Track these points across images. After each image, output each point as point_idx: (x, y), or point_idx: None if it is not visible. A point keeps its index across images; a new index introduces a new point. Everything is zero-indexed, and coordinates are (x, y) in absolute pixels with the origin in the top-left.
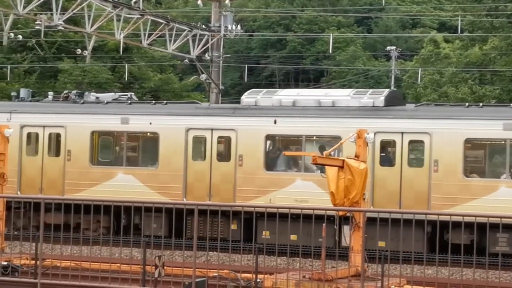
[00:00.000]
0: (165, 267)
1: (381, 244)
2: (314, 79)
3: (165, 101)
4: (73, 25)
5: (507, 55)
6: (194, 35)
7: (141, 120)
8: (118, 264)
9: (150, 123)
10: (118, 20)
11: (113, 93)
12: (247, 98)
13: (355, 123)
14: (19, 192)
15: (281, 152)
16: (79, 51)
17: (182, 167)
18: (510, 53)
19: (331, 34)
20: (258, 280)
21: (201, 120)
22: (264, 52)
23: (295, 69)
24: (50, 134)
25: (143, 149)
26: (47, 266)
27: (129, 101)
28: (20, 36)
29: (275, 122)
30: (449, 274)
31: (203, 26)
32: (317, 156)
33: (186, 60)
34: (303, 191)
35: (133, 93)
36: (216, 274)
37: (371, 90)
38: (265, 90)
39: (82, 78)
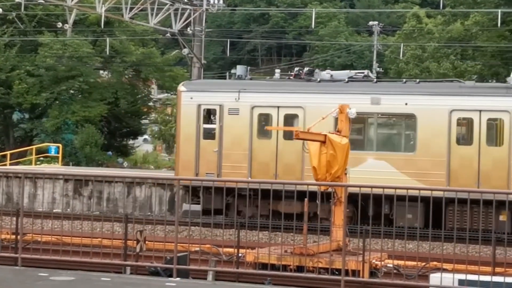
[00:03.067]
0: (146, 242)
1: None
2: (296, 54)
3: (417, 80)
4: None
5: (489, 30)
6: (176, 9)
7: (395, 101)
8: (99, 239)
9: (406, 104)
10: None
11: (347, 71)
12: None
13: None
14: (249, 178)
15: None
16: (60, 24)
17: (445, 152)
18: (491, 29)
19: (313, 9)
20: (240, 254)
21: (467, 100)
22: (247, 27)
23: (278, 44)
24: (285, 116)
25: (397, 132)
26: (28, 240)
27: (375, 80)
28: (0, 9)
29: None
30: (429, 249)
31: (185, 0)
32: (299, 131)
33: (168, 34)
34: None
35: (368, 71)
36: (198, 248)
37: None
38: None
39: (63, 52)
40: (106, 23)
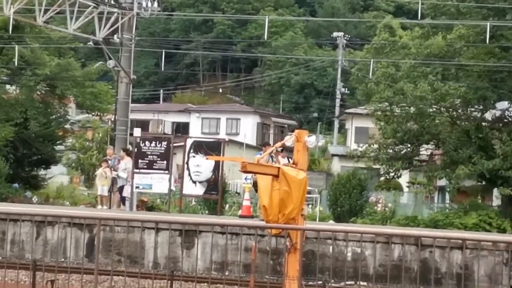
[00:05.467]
0: None
1: None
2: (245, 69)
3: None
4: None
5: (475, 46)
6: (101, 13)
7: None
8: None
9: None
10: None
11: None
12: None
13: None
14: None
15: None
16: None
17: None
18: (478, 44)
19: (267, 16)
20: None
21: None
22: (186, 36)
23: (223, 57)
24: None
25: None
26: None
27: None
28: None
29: None
30: None
31: (112, 2)
32: (247, 163)
33: (91, 43)
34: None
35: None
36: None
37: None
38: None
39: None
40: (15, 28)
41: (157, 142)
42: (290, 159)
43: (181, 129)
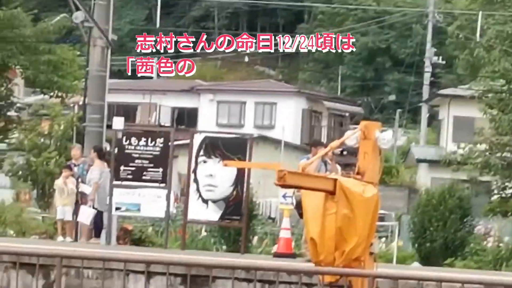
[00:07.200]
0: None
1: None
2: (285, 26)
3: None
4: None
5: None
6: None
7: None
8: None
9: None
10: None
11: None
12: None
13: None
14: None
15: None
16: None
17: None
18: None
19: None
20: None
21: None
22: None
23: (251, 7)
24: None
25: None
26: None
27: None
28: None
29: None
30: None
31: None
32: (287, 172)
33: None
34: None
35: None
36: None
37: None
38: None
39: None
40: None
41: (149, 139)
42: (353, 167)
43: (186, 118)
